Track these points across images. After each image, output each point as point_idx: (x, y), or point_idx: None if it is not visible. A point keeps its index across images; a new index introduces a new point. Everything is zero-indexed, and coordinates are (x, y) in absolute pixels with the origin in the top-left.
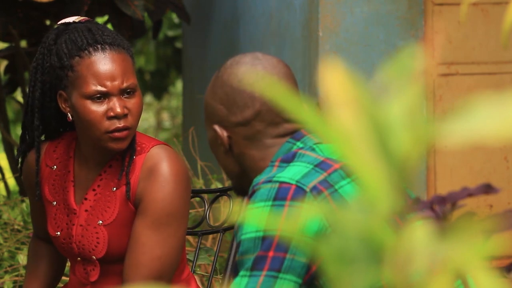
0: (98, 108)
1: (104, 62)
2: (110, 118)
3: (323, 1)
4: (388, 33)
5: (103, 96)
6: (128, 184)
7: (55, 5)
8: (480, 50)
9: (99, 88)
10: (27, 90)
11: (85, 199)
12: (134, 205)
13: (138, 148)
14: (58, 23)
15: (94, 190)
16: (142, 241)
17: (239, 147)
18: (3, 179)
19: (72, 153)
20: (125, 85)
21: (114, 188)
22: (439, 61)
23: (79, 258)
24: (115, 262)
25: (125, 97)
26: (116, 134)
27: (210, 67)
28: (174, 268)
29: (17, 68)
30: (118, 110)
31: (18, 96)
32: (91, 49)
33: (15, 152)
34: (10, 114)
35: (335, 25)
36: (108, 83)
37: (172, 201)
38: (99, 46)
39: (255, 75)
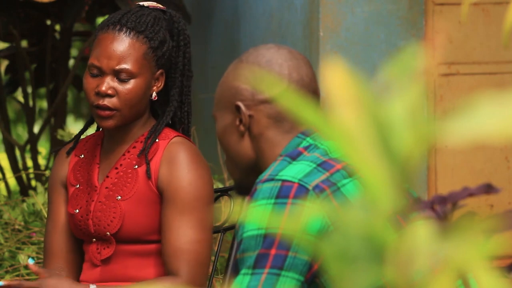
0: (91, 81)
1: (110, 41)
2: (96, 94)
3: (324, 1)
4: (389, 33)
5: (99, 72)
6: (148, 164)
7: (55, 5)
8: (481, 50)
9: (95, 62)
10: None
11: (107, 176)
12: (157, 188)
13: (163, 134)
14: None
15: (116, 168)
16: (178, 227)
17: (260, 127)
18: (4, 179)
19: (100, 141)
20: (118, 67)
21: (136, 166)
22: (440, 61)
23: (94, 239)
24: (129, 241)
25: (120, 81)
26: (99, 111)
27: (211, 67)
28: (211, 250)
29: (17, 68)
30: (103, 88)
31: (19, 96)
32: (111, 26)
33: (16, 152)
34: (11, 114)
35: (336, 25)
36: (104, 61)
37: (198, 186)
38: (117, 26)
39: (284, 56)
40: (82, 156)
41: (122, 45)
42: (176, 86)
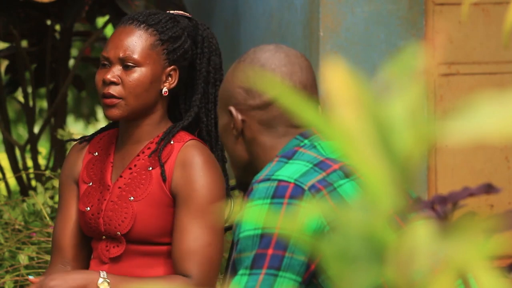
0: (101, 72)
1: (120, 33)
2: (103, 83)
3: (324, 1)
4: (389, 33)
5: (108, 63)
6: (162, 166)
7: (55, 5)
8: (481, 50)
9: (104, 53)
10: None
11: (121, 176)
12: (171, 191)
13: (178, 137)
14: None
15: (130, 169)
16: (190, 229)
17: (252, 132)
18: (4, 179)
19: (114, 139)
20: (122, 55)
21: (150, 168)
22: (440, 61)
23: (104, 237)
24: (139, 242)
25: (125, 70)
26: (105, 100)
27: None
28: (222, 254)
29: (17, 68)
30: (108, 76)
31: (19, 96)
32: (124, 21)
33: (16, 152)
34: (11, 114)
35: (336, 25)
36: (112, 51)
37: (211, 190)
38: (130, 21)
39: (278, 61)
40: (96, 153)
41: (130, 35)
42: (198, 92)
